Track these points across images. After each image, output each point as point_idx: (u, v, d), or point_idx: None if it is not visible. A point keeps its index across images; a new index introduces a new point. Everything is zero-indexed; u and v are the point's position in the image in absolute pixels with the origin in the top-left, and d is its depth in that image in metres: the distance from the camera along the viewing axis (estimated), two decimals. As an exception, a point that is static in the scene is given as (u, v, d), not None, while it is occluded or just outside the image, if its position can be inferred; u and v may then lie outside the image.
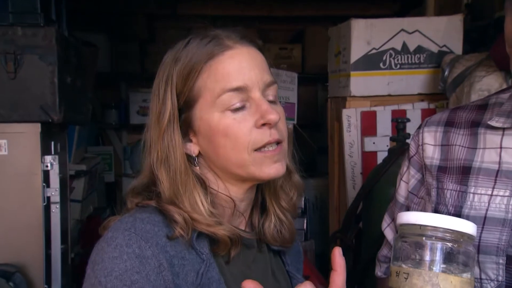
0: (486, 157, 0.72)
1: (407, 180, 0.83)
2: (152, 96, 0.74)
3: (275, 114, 0.69)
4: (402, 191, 0.84)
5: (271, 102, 0.71)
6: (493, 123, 0.72)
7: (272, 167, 0.70)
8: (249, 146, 0.69)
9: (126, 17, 3.19)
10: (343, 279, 0.58)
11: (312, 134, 3.18)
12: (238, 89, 0.69)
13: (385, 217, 0.89)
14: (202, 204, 0.69)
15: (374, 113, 1.91)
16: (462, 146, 0.75)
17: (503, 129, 0.72)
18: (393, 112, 1.89)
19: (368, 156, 1.91)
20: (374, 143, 1.91)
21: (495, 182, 0.70)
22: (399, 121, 1.57)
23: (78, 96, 1.76)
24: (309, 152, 3.19)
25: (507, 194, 0.69)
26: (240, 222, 0.76)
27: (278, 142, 0.70)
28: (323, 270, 2.35)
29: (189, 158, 0.72)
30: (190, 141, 0.73)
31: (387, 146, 1.84)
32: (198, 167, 0.72)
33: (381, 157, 1.79)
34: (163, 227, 0.67)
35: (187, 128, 0.72)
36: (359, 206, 1.58)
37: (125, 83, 3.32)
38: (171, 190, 0.69)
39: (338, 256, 0.59)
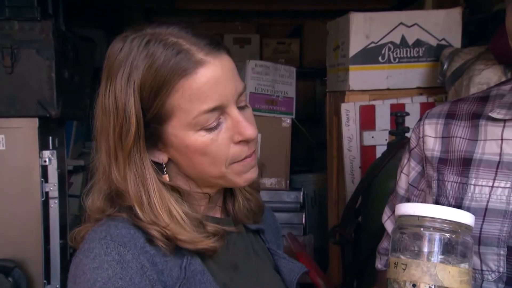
0: (487, 149, 0.72)
1: (407, 173, 0.83)
2: (103, 110, 0.68)
3: (252, 130, 0.68)
4: (402, 183, 0.84)
5: (242, 108, 0.70)
6: (494, 114, 0.72)
7: (249, 172, 0.71)
8: (227, 161, 0.68)
9: (124, 12, 3.17)
10: None
11: (310, 128, 3.17)
12: (214, 109, 0.66)
13: (386, 210, 0.89)
14: (179, 213, 0.67)
15: (372, 107, 1.91)
16: (463, 138, 0.75)
17: (504, 120, 0.72)
18: (392, 106, 1.88)
19: (367, 150, 1.91)
20: (373, 137, 1.90)
21: (496, 174, 0.70)
22: (398, 115, 1.57)
23: (76, 91, 1.75)
24: (308, 147, 3.19)
25: (508, 185, 0.69)
26: (215, 211, 0.76)
27: (253, 152, 0.71)
28: (322, 264, 2.35)
29: (156, 165, 0.69)
30: (158, 149, 0.69)
31: (386, 140, 1.84)
32: (167, 175, 0.69)
33: (380, 151, 1.78)
34: (140, 231, 0.66)
35: (155, 140, 0.69)
36: (358, 200, 1.58)
37: (123, 78, 3.30)
38: (149, 212, 0.66)
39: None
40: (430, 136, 0.78)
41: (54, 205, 1.60)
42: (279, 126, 2.40)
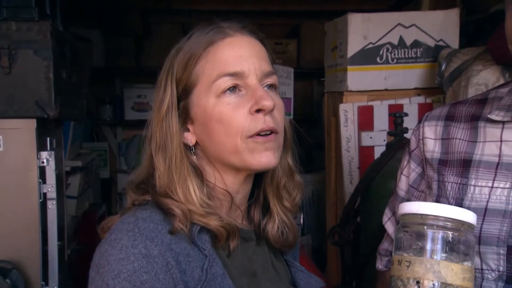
0: (487, 150, 0.73)
1: (407, 174, 0.83)
2: (155, 88, 0.75)
3: (270, 101, 0.68)
4: (402, 185, 0.84)
5: (269, 87, 0.72)
6: (493, 116, 0.73)
7: (263, 155, 0.70)
8: (242, 132, 0.69)
9: (121, 12, 3.17)
10: None
11: (308, 129, 3.18)
12: (234, 74, 0.70)
13: (386, 211, 0.89)
14: (195, 193, 0.69)
15: (371, 108, 1.91)
16: (463, 140, 0.76)
17: (503, 122, 0.73)
18: (390, 106, 1.89)
19: (365, 151, 1.91)
20: (371, 137, 1.91)
21: (496, 175, 0.71)
22: (397, 115, 1.57)
23: (73, 91, 1.75)
24: (306, 147, 3.19)
25: (507, 186, 0.70)
26: (237, 216, 0.76)
27: (272, 132, 0.70)
28: (320, 264, 2.36)
29: (187, 147, 0.73)
30: (188, 130, 0.73)
31: (384, 140, 1.85)
32: (195, 157, 0.73)
33: (378, 151, 1.79)
34: (165, 225, 0.67)
35: (185, 117, 0.73)
36: (357, 201, 1.58)
37: (120, 78, 3.30)
38: (166, 177, 0.70)
39: None
40: (430, 138, 0.79)
41: (52, 206, 1.59)
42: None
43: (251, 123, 0.69)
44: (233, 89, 0.70)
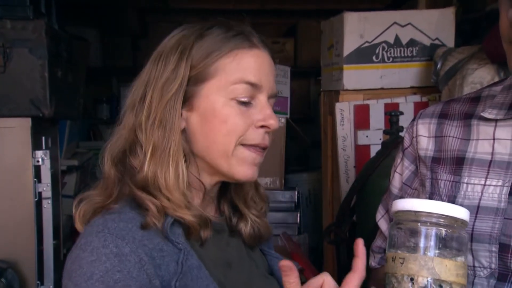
0: (479, 148, 0.73)
1: (401, 172, 0.84)
2: (153, 60, 0.73)
3: (276, 121, 0.72)
4: (396, 182, 0.85)
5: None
6: (486, 114, 0.73)
7: (250, 168, 0.72)
8: (239, 139, 0.71)
9: (118, 11, 3.16)
10: (359, 282, 0.60)
11: (305, 128, 3.17)
12: (254, 85, 0.71)
13: (379, 209, 0.89)
14: (183, 179, 0.69)
15: (367, 107, 1.91)
16: (456, 138, 0.76)
17: (496, 120, 0.73)
18: (386, 105, 1.89)
19: (361, 150, 1.91)
20: (367, 136, 1.91)
21: (488, 172, 0.71)
22: (392, 114, 1.57)
23: (69, 90, 1.74)
24: (302, 146, 3.19)
25: (499, 184, 0.70)
26: (210, 208, 0.77)
27: (264, 148, 0.73)
28: (317, 263, 2.36)
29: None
30: (181, 114, 0.72)
31: (380, 139, 1.84)
32: (186, 144, 0.73)
33: (374, 150, 1.79)
34: (137, 222, 0.67)
35: (185, 101, 0.72)
36: (353, 199, 1.58)
37: (117, 78, 3.30)
38: (156, 157, 0.69)
39: (361, 248, 0.62)
40: (424, 136, 0.79)
41: (47, 205, 1.59)
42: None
43: (251, 134, 0.71)
44: (247, 103, 0.72)
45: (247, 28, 0.75)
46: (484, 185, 0.71)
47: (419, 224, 0.59)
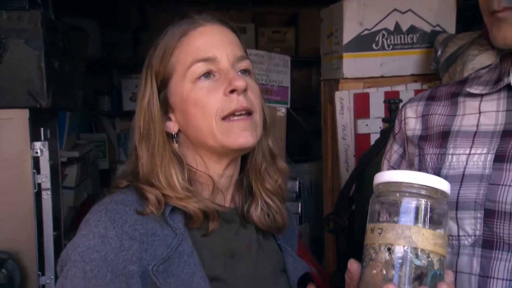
0: (465, 122, 0.74)
1: (389, 157, 0.85)
2: (138, 85, 0.79)
3: (241, 81, 0.72)
4: (384, 168, 0.85)
5: (243, 73, 0.75)
6: (472, 90, 0.75)
7: (239, 135, 0.72)
8: (217, 113, 0.72)
9: (118, 3, 3.14)
10: None
11: (306, 118, 3.16)
12: (207, 60, 0.73)
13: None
14: (177, 178, 0.72)
15: (367, 95, 1.90)
16: (442, 115, 0.77)
17: (481, 95, 0.74)
18: (386, 93, 1.87)
19: (361, 138, 1.90)
20: (367, 125, 1.89)
21: (473, 142, 0.72)
22: (391, 102, 1.55)
23: (67, 81, 1.73)
24: (304, 136, 3.18)
25: (484, 151, 0.70)
26: (221, 199, 0.78)
27: (248, 112, 0.73)
28: (318, 253, 2.36)
29: (170, 136, 0.76)
30: (170, 119, 0.77)
31: (380, 128, 1.83)
32: (177, 145, 0.76)
33: (374, 139, 1.77)
34: (136, 206, 0.71)
35: (166, 107, 0.76)
36: (351, 188, 1.57)
37: (118, 70, 3.29)
38: (149, 164, 0.73)
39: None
40: (411, 117, 0.80)
41: (46, 196, 1.59)
42: (274, 115, 2.39)
43: (225, 104, 0.72)
44: (207, 75, 0.74)
45: (200, 15, 0.77)
46: (469, 154, 0.71)
47: (398, 194, 0.59)
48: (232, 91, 0.72)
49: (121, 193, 0.74)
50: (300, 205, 2.49)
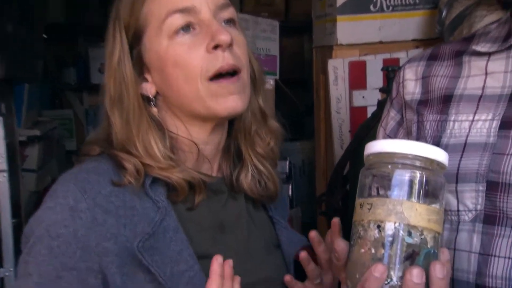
0: (470, 84, 0.74)
1: (385, 125, 0.84)
2: (105, 42, 0.77)
3: (226, 34, 0.69)
4: (380, 137, 0.85)
5: (227, 24, 0.72)
6: (478, 48, 0.74)
7: (228, 99, 0.70)
8: (201, 74, 0.70)
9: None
10: None
11: (298, 91, 3.15)
12: (185, 10, 0.70)
13: None
14: (157, 147, 0.70)
15: (363, 63, 1.88)
16: (445, 76, 0.76)
17: (489, 54, 0.73)
18: (385, 61, 1.85)
19: (357, 112, 1.89)
20: (363, 97, 1.88)
21: (477, 107, 0.71)
22: (389, 69, 1.55)
23: (23, 48, 1.69)
24: (295, 112, 3.17)
25: (489, 117, 0.70)
26: (208, 169, 0.77)
27: (235, 71, 0.71)
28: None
29: (146, 99, 0.74)
30: (146, 80, 0.74)
31: (379, 100, 1.82)
32: (155, 109, 0.74)
33: (371, 112, 1.77)
34: (111, 175, 0.69)
35: (141, 66, 0.74)
36: (346, 166, 1.57)
37: (84, 36, 3.23)
38: (124, 133, 0.71)
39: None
40: (411, 80, 0.80)
41: (3, 179, 1.57)
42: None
43: (210, 62, 0.70)
44: (186, 29, 0.71)
45: None
46: (473, 120, 0.71)
47: (390, 166, 0.59)
48: (216, 47, 0.69)
49: (93, 161, 0.72)
50: (291, 187, 2.50)
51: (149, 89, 0.74)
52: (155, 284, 0.66)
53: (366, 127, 1.52)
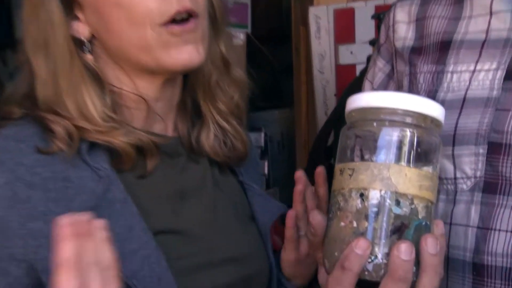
0: (472, 27, 0.74)
1: (372, 77, 0.85)
2: None
3: None
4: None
5: None
6: None
7: (182, 50, 0.70)
8: (151, 18, 0.69)
9: None
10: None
11: (275, 49, 3.14)
12: None
13: None
14: (94, 105, 0.70)
15: (351, 11, 1.89)
16: (443, 17, 0.77)
17: None
18: (377, 8, 1.87)
19: (344, 71, 1.91)
20: (352, 52, 1.90)
21: (480, 55, 0.72)
22: (381, 17, 1.55)
23: None
24: (271, 74, 3.17)
25: (493, 67, 0.71)
26: (161, 129, 0.77)
27: (191, 16, 0.70)
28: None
29: (78, 44, 0.72)
30: (77, 19, 0.72)
31: (369, 56, 1.84)
32: (90, 56, 0.72)
33: (360, 70, 1.79)
34: (37, 142, 0.68)
35: (70, 1, 0.72)
36: (329, 135, 1.59)
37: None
38: (50, 86, 0.70)
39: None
40: (403, 22, 0.80)
41: None
42: (229, 43, 2.37)
43: (162, 4, 0.68)
44: None
45: None
46: (474, 71, 0.72)
47: (375, 123, 0.59)
48: None
49: (13, 125, 0.70)
50: (267, 164, 2.51)
51: (80, 30, 0.72)
52: None
53: (354, 88, 1.53)
